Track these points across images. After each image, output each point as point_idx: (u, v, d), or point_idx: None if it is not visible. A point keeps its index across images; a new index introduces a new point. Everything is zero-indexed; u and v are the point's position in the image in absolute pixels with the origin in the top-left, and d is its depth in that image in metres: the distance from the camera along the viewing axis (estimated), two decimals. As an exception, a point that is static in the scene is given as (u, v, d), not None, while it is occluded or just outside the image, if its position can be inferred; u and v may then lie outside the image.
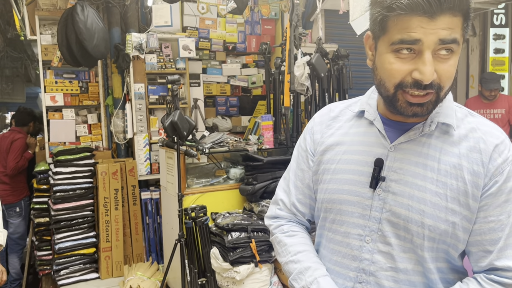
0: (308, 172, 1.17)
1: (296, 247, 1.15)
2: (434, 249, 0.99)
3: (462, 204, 0.96)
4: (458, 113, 1.03)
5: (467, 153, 0.97)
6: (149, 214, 4.24)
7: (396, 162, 1.01)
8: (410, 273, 1.00)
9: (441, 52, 0.89)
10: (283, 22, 5.04)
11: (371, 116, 1.07)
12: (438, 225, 0.96)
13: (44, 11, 4.04)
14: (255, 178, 3.19)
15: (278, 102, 3.89)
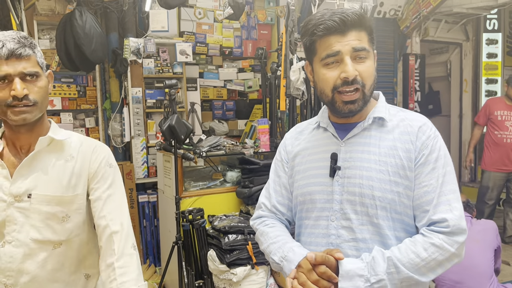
0: (285, 177, 1.43)
1: (276, 233, 1.37)
2: (389, 218, 1.22)
3: (402, 176, 1.22)
4: (392, 110, 1.32)
5: (399, 137, 1.25)
6: (147, 217, 4.27)
7: (347, 154, 1.28)
8: (369, 242, 1.23)
9: (357, 57, 1.20)
10: (279, 27, 5.10)
11: (325, 124, 1.35)
12: (385, 195, 1.21)
13: (43, 16, 4.08)
14: (252, 181, 3.24)
15: (274, 106, 3.94)
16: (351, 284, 1.15)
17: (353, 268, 1.16)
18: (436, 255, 1.15)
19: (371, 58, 1.23)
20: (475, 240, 2.89)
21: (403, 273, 1.14)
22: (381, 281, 1.14)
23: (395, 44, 6.05)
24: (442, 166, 1.21)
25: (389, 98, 6.20)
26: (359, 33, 1.21)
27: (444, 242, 1.15)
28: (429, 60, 7.02)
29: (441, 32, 6.34)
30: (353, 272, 1.16)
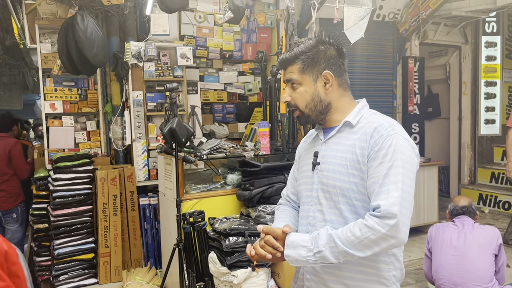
0: (296, 172, 1.78)
1: (279, 215, 1.74)
2: (350, 204, 1.48)
3: (358, 169, 1.47)
4: (366, 114, 1.57)
5: (360, 136, 1.49)
6: (147, 219, 4.28)
7: (324, 152, 1.58)
8: (335, 223, 1.50)
9: (293, 85, 1.58)
10: (279, 30, 5.13)
11: (317, 130, 1.67)
12: (344, 185, 1.49)
13: (44, 20, 4.11)
14: (252, 184, 3.25)
15: (274, 109, 3.96)
16: (294, 252, 1.44)
17: (297, 240, 1.45)
18: (368, 234, 1.36)
19: (305, 84, 1.56)
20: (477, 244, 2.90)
21: (339, 247, 1.38)
22: (320, 252, 1.40)
23: (394, 47, 6.07)
24: (388, 161, 1.41)
25: (388, 101, 6.23)
26: (291, 67, 1.57)
27: (376, 224, 1.35)
28: (428, 63, 7.04)
29: (440, 35, 6.37)
30: (297, 243, 1.45)
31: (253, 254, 1.52)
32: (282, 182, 3.30)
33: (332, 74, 1.54)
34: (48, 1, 4.02)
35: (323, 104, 1.56)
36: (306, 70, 1.55)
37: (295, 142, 3.86)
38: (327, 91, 1.55)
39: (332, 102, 1.57)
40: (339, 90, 1.57)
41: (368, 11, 4.13)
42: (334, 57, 1.56)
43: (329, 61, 1.55)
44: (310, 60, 1.54)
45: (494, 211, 6.32)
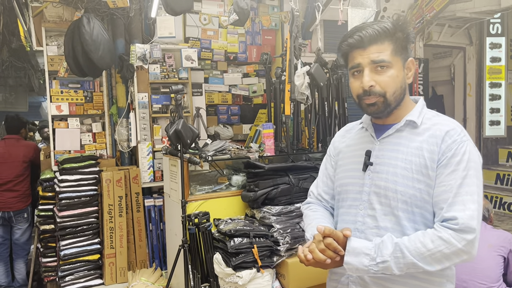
0: (331, 169, 1.64)
1: (315, 216, 1.60)
2: (409, 211, 1.36)
3: (424, 174, 1.34)
4: (428, 114, 1.44)
5: (427, 139, 1.36)
6: (153, 221, 4.30)
7: (379, 151, 1.44)
8: (390, 230, 1.37)
9: (378, 68, 1.36)
10: (283, 32, 5.15)
11: (366, 125, 1.53)
12: (407, 190, 1.35)
13: (51, 22, 4.15)
14: (257, 185, 3.27)
15: (278, 110, 3.97)
16: (356, 260, 1.31)
17: (360, 246, 1.32)
18: (442, 247, 1.25)
19: (395, 67, 1.36)
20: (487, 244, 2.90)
21: (407, 259, 1.26)
22: (385, 262, 1.28)
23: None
24: (463, 169, 1.30)
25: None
26: (379, 46, 1.36)
27: (452, 237, 1.24)
28: (432, 64, 7.04)
29: (445, 37, 6.37)
30: (360, 250, 1.31)
31: (310, 258, 1.36)
32: (286, 184, 3.31)
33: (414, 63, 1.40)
34: (54, 4, 4.06)
35: (403, 95, 1.41)
36: (398, 52, 1.37)
37: (299, 144, 3.88)
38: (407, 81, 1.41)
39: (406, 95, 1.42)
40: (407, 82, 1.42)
41: (372, 13, 4.14)
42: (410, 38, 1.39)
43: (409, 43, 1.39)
44: (403, 41, 1.37)
45: (500, 212, 6.30)
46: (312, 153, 3.88)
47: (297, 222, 3.28)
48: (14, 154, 4.26)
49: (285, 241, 3.11)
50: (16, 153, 4.26)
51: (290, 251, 3.16)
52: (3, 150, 4.27)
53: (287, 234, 3.15)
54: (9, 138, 4.42)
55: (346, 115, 4.11)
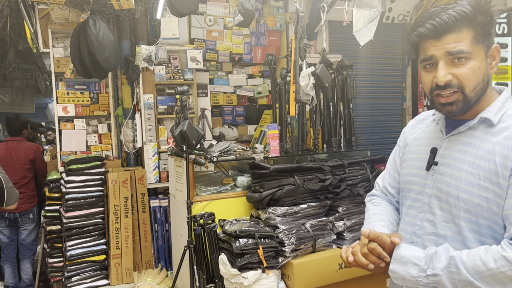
0: (399, 161, 1.52)
1: (375, 211, 1.50)
2: (474, 221, 1.20)
3: (494, 183, 1.16)
4: (510, 111, 1.22)
5: (502, 141, 1.17)
6: (158, 221, 4.32)
7: (446, 150, 1.28)
8: (449, 240, 1.23)
9: (455, 61, 1.17)
10: (288, 33, 5.15)
11: (437, 118, 1.37)
12: (471, 198, 1.19)
13: (57, 24, 4.18)
14: (262, 186, 3.27)
15: (283, 111, 3.97)
16: (403, 269, 1.20)
17: (408, 255, 1.20)
18: (506, 269, 1.09)
19: (476, 57, 1.17)
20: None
21: (463, 275, 1.13)
22: (436, 275, 1.15)
23: (404, 49, 6.05)
24: None
25: (398, 103, 6.21)
26: (457, 34, 1.16)
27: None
28: (438, 65, 7.00)
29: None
30: (407, 259, 1.20)
31: (351, 261, 1.29)
32: (292, 184, 3.31)
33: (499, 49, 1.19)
34: (60, 6, 4.08)
35: (486, 88, 1.21)
36: (480, 40, 1.16)
37: (304, 144, 3.87)
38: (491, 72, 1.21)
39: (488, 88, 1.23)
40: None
41: (377, 14, 4.14)
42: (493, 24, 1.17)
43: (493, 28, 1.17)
44: (486, 25, 1.16)
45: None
46: (317, 154, 3.88)
47: (302, 223, 3.28)
48: (16, 156, 4.26)
49: (290, 242, 3.11)
50: (17, 156, 4.26)
51: (295, 252, 3.16)
52: (5, 152, 4.27)
53: (292, 235, 3.15)
54: (11, 140, 4.43)
55: (351, 116, 4.11)
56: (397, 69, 6.13)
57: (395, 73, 6.13)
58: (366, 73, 5.74)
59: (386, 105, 6.13)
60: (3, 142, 4.73)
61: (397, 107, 6.23)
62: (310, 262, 3.19)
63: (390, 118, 6.20)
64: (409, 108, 6.22)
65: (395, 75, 6.14)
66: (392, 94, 6.17)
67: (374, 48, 5.50)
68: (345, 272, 3.32)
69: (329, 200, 3.45)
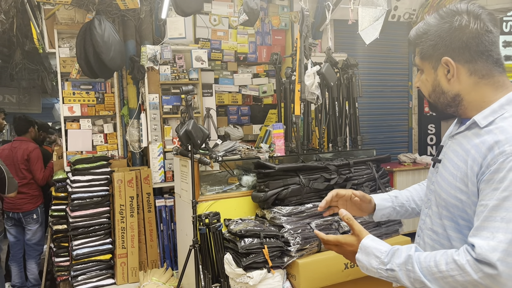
0: None
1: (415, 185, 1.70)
2: (454, 221, 1.24)
3: (467, 185, 1.18)
4: (507, 114, 1.19)
5: (478, 144, 1.18)
6: (164, 221, 4.33)
7: (447, 149, 1.32)
8: (441, 236, 1.29)
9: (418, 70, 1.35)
10: (293, 32, 5.14)
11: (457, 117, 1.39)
12: (449, 199, 1.24)
13: (63, 25, 4.19)
14: (267, 185, 3.26)
15: (288, 110, 3.97)
16: (366, 259, 1.27)
17: (372, 247, 1.26)
18: (455, 273, 1.10)
19: (426, 71, 1.32)
20: None
21: (417, 274, 1.16)
22: (393, 270, 1.21)
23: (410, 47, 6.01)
24: (504, 189, 1.08)
25: (404, 102, 6.18)
26: (416, 49, 1.34)
27: (468, 265, 1.09)
28: (444, 63, 6.95)
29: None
30: (370, 250, 1.26)
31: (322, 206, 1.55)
32: (297, 184, 3.30)
33: (452, 61, 1.23)
34: (66, 6, 4.10)
35: (448, 96, 1.28)
36: (425, 55, 1.30)
37: (309, 144, 3.86)
38: (450, 81, 1.26)
39: (462, 94, 1.26)
40: (471, 79, 1.23)
41: (383, 12, 4.12)
42: (463, 37, 1.20)
43: (454, 43, 1.22)
44: (430, 41, 1.27)
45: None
46: (323, 153, 3.87)
47: (307, 223, 3.27)
48: (15, 156, 4.27)
49: (295, 241, 3.10)
50: (16, 156, 4.28)
51: (300, 251, 3.15)
52: (8, 152, 4.30)
53: (297, 234, 3.14)
54: (16, 140, 4.47)
55: (357, 115, 4.09)
56: (403, 68, 6.10)
57: (401, 72, 6.10)
58: (372, 72, 5.71)
59: (392, 104, 6.10)
60: (9, 142, 4.76)
61: (403, 106, 6.20)
62: (316, 262, 3.19)
63: (396, 117, 6.17)
64: (415, 107, 6.18)
65: (401, 73, 6.11)
66: (398, 93, 6.13)
67: (380, 47, 5.48)
68: (351, 272, 3.31)
69: (334, 200, 3.44)
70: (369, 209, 1.64)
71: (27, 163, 4.29)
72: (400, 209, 1.63)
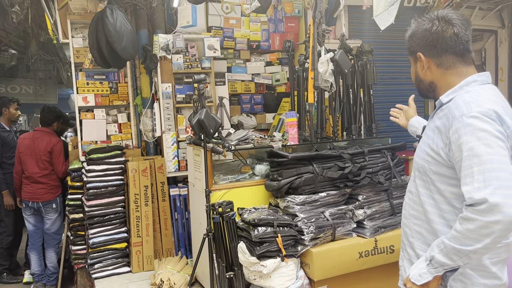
0: None
1: None
2: (424, 180, 1.58)
3: (433, 149, 1.53)
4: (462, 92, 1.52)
5: (442, 116, 1.53)
6: (178, 210, 4.35)
7: (426, 126, 1.67)
8: (414, 195, 1.65)
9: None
10: (307, 19, 5.06)
11: None
12: (419, 161, 1.61)
13: (76, 15, 4.20)
14: (280, 174, 3.25)
15: (302, 99, 3.92)
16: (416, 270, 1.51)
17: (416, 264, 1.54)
18: (468, 225, 1.32)
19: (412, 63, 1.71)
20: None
21: (448, 246, 1.38)
22: (433, 257, 1.43)
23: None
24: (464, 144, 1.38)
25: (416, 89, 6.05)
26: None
27: (470, 213, 1.32)
28: (462, 49, 6.79)
29: (475, 20, 6.12)
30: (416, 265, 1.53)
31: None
32: (310, 173, 3.27)
33: (422, 56, 1.60)
34: (79, -4, 4.11)
35: (425, 83, 1.66)
36: (410, 51, 1.67)
37: (323, 132, 3.82)
38: (423, 72, 1.63)
39: (435, 82, 1.62)
40: (439, 69, 1.58)
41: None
42: (430, 37, 1.56)
43: (425, 42, 1.58)
44: (412, 41, 1.64)
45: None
46: (337, 141, 3.83)
47: (321, 212, 3.25)
48: (37, 147, 4.32)
49: (309, 230, 3.08)
50: (39, 147, 4.32)
51: (314, 240, 3.14)
52: (29, 142, 4.35)
53: (311, 223, 3.12)
54: (38, 130, 4.51)
55: (371, 103, 4.03)
56: (419, 54, 5.97)
57: (417, 58, 5.97)
58: (387, 59, 5.60)
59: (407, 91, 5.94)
60: (31, 132, 4.81)
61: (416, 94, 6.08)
62: (330, 251, 3.17)
63: (412, 105, 6.05)
64: (431, 94, 6.06)
65: (417, 60, 5.98)
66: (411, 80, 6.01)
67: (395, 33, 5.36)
68: (366, 260, 3.28)
69: (348, 188, 3.41)
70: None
71: (50, 155, 4.35)
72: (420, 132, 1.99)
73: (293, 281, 3.09)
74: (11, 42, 6.90)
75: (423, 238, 1.59)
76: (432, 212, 1.55)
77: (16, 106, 4.90)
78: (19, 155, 4.36)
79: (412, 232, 1.63)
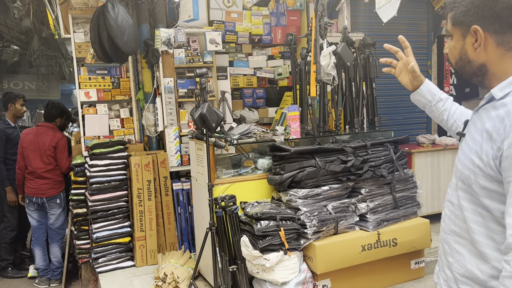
0: None
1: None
2: (469, 192, 1.23)
3: (481, 158, 1.18)
4: None
5: (494, 116, 1.17)
6: (181, 204, 4.36)
7: (471, 123, 1.30)
8: (456, 207, 1.30)
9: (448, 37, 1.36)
10: (309, 12, 5.03)
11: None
12: (463, 170, 1.24)
13: (77, 10, 4.19)
14: (283, 168, 3.25)
15: (304, 92, 3.91)
16: None
17: None
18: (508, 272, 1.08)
19: (455, 38, 1.31)
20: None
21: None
22: None
23: (429, 26, 5.85)
24: None
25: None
26: (448, 14, 1.33)
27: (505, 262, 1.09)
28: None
29: None
30: None
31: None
32: (313, 166, 3.27)
33: (480, 30, 1.22)
34: (80, -9, 4.10)
35: (474, 65, 1.28)
36: (456, 21, 1.29)
37: (326, 126, 3.82)
38: (477, 51, 1.25)
39: (488, 65, 1.26)
40: (498, 50, 1.22)
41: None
42: (496, 6, 1.18)
43: (486, 12, 1.20)
44: (463, 7, 1.26)
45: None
46: (339, 135, 3.82)
47: (324, 205, 3.25)
48: (41, 142, 4.32)
49: (312, 224, 3.09)
50: (43, 142, 4.33)
51: (317, 234, 3.15)
52: (33, 137, 4.36)
53: (314, 217, 3.13)
54: (42, 125, 4.52)
55: (374, 96, 4.02)
56: (422, 47, 5.94)
57: (420, 51, 5.93)
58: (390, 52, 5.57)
59: (410, 85, 5.97)
60: (33, 127, 4.81)
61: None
62: (333, 244, 3.18)
63: (415, 98, 6.04)
64: (434, 87, 6.04)
65: (420, 53, 5.95)
66: (417, 72, 5.99)
67: (398, 26, 5.33)
68: (368, 254, 3.29)
69: (351, 182, 3.41)
70: (415, 87, 1.77)
71: (54, 150, 4.36)
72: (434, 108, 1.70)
73: (296, 274, 3.10)
74: (13, 38, 6.90)
75: (464, 261, 1.27)
76: (478, 232, 1.22)
77: (22, 102, 4.91)
78: (22, 151, 4.37)
79: (453, 252, 1.32)
